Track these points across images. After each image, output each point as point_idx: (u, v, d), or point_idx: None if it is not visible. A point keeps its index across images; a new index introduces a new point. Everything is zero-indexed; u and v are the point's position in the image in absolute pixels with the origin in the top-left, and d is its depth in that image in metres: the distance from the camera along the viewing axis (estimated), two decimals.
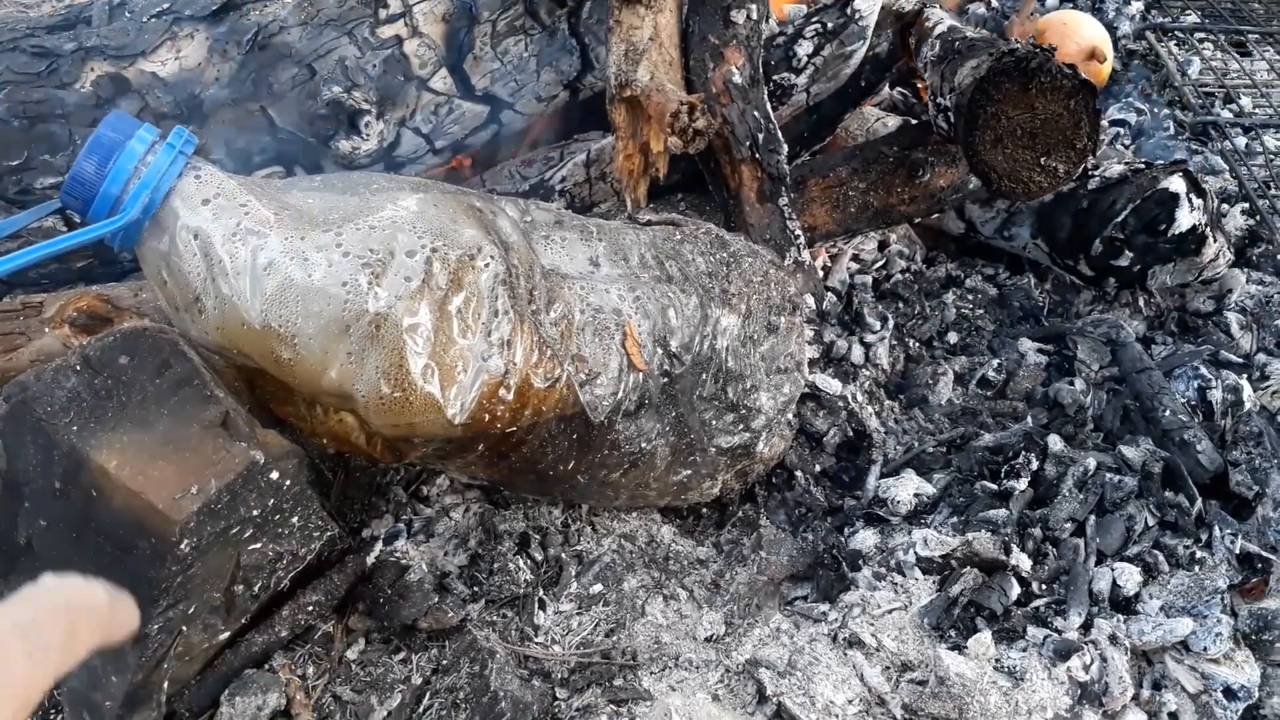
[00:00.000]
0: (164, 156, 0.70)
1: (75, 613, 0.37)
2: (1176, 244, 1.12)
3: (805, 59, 1.11)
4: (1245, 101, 1.63)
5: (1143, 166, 1.15)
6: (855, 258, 1.23)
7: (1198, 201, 1.11)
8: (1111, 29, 1.71)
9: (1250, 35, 1.83)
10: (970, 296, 1.21)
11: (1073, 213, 1.17)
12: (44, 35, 1.11)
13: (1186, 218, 1.10)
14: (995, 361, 1.13)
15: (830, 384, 1.05)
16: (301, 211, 0.72)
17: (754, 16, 1.01)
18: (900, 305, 1.17)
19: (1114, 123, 1.53)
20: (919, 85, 1.32)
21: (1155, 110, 1.58)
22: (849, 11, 1.11)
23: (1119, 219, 1.12)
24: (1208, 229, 1.12)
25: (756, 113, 1.01)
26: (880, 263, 1.22)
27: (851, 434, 1.04)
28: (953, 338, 1.14)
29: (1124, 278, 1.17)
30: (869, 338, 1.08)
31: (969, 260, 1.32)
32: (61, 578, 0.38)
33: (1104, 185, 1.15)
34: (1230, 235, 1.25)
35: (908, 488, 0.93)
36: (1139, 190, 1.11)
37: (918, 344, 1.14)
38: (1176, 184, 1.10)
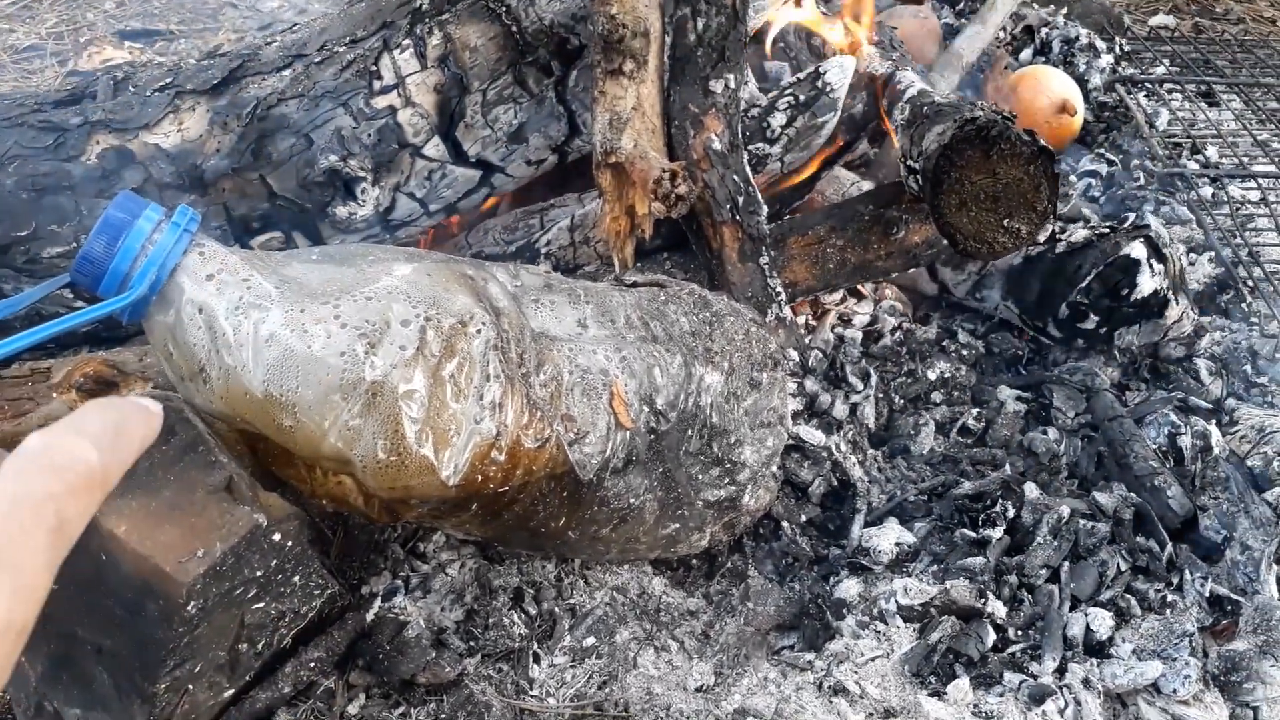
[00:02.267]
0: (170, 235, 0.73)
1: (61, 494, 0.31)
2: (1139, 308, 1.17)
3: (779, 130, 1.17)
4: (1211, 151, 1.68)
5: (1107, 231, 1.19)
6: (844, 318, 1.27)
7: (1159, 266, 1.15)
8: (1082, 82, 1.77)
9: (1217, 86, 1.90)
10: (959, 353, 1.24)
11: (1040, 277, 1.22)
12: (51, 110, 1.16)
13: (1148, 282, 1.15)
14: (975, 411, 1.16)
15: (814, 435, 1.08)
16: (301, 284, 0.75)
17: (732, 86, 1.06)
18: (888, 365, 1.20)
19: (1085, 173, 1.58)
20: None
21: (1125, 161, 1.63)
22: (820, 84, 1.17)
23: (1083, 284, 1.16)
24: (1170, 293, 1.16)
25: (736, 176, 1.06)
26: (870, 323, 1.26)
27: (836, 483, 1.07)
28: (937, 397, 1.18)
29: (1090, 340, 1.21)
30: (854, 397, 1.12)
31: (955, 316, 1.35)
32: (44, 443, 0.32)
33: (1069, 250, 1.20)
34: (1192, 291, 1.29)
35: (889, 537, 0.96)
36: (1102, 256, 1.16)
37: (902, 400, 1.17)
38: (1138, 250, 1.15)
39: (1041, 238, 0.95)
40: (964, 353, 1.23)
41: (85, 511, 0.32)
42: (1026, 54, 1.89)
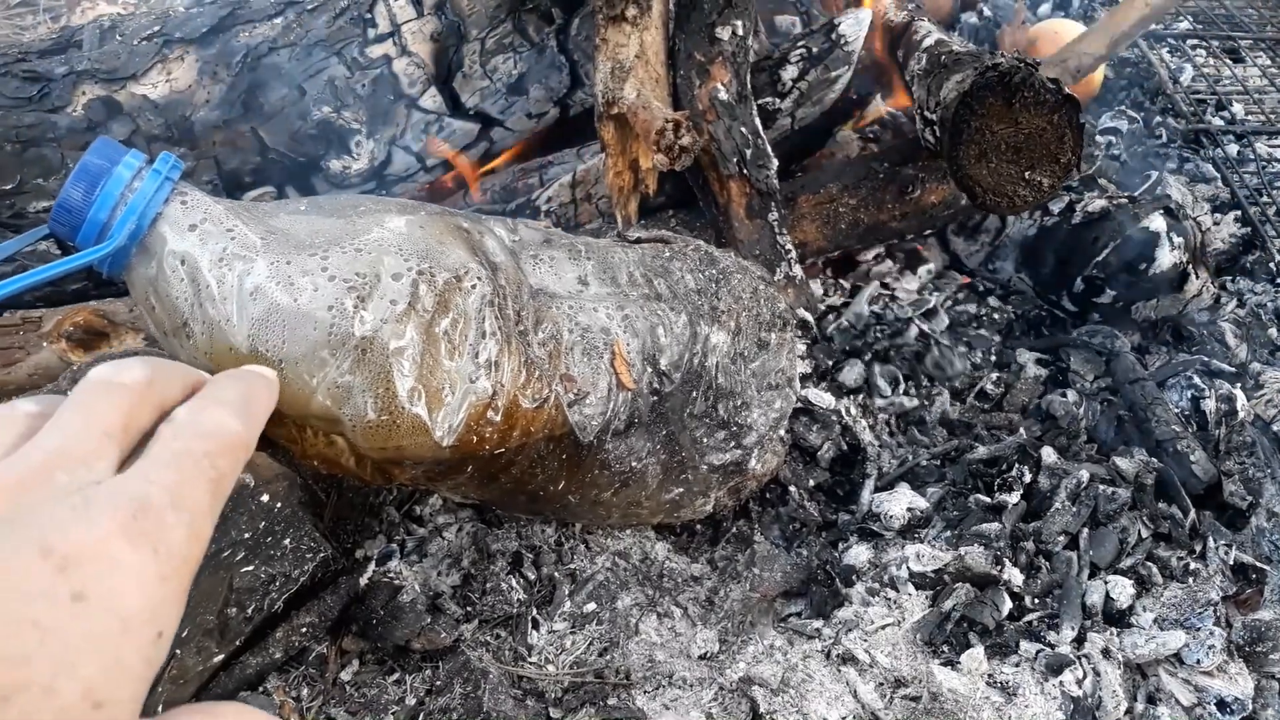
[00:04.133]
0: (150, 182, 0.70)
1: (217, 455, 0.35)
2: (1157, 282, 1.13)
3: (790, 83, 1.12)
4: (1237, 108, 1.63)
5: (1125, 201, 1.15)
6: (887, 287, 1.22)
7: (1178, 239, 1.11)
8: None
9: (1243, 41, 1.84)
10: (989, 316, 1.20)
11: (1055, 249, 1.18)
12: (35, 60, 1.12)
13: (1167, 257, 1.11)
14: (994, 375, 1.13)
15: (823, 398, 1.05)
16: (288, 235, 0.72)
17: (740, 33, 1.01)
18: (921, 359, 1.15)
19: (1106, 131, 1.53)
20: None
21: (1147, 118, 1.58)
22: (834, 37, 1.12)
23: (1100, 257, 1.12)
24: (1189, 266, 1.12)
25: (744, 128, 1.01)
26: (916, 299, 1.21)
27: (846, 448, 1.04)
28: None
29: (1107, 314, 1.17)
30: (879, 401, 1.08)
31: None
32: (197, 411, 0.36)
33: (1086, 221, 1.15)
34: (1217, 252, 1.25)
35: (901, 502, 0.93)
36: (1119, 228, 1.12)
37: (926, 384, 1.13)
38: (1157, 222, 1.11)
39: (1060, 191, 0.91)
40: (995, 316, 1.19)
41: (235, 469, 0.36)
42: (1045, 8, 1.83)
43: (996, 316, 1.20)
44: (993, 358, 1.16)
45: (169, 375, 0.37)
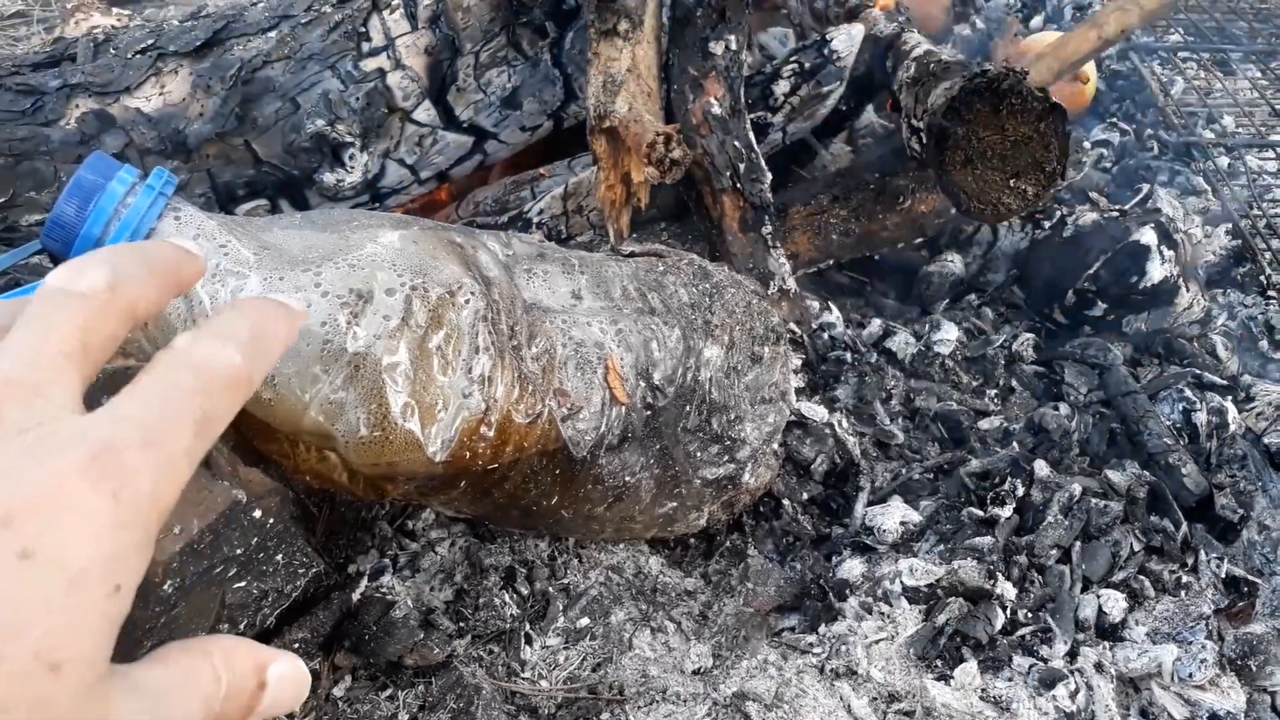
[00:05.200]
0: (144, 198, 0.70)
1: (209, 390, 0.31)
2: (1148, 295, 1.13)
3: (782, 98, 1.13)
4: (1228, 121, 1.64)
5: (1116, 214, 1.16)
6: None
7: (1169, 253, 1.12)
8: None
9: (1233, 54, 1.85)
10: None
11: (1047, 261, 1.18)
12: (29, 73, 1.12)
13: (1158, 270, 1.12)
14: (991, 392, 1.13)
15: (816, 411, 1.05)
16: (281, 251, 0.72)
17: (733, 47, 1.01)
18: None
19: (1097, 143, 1.54)
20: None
21: (1139, 131, 1.59)
22: (826, 52, 1.12)
23: (1091, 270, 1.13)
24: (1180, 279, 1.13)
25: (737, 142, 1.02)
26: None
27: (839, 461, 1.04)
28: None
29: (1098, 327, 1.18)
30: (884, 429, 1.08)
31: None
32: (196, 338, 0.32)
33: (1077, 234, 1.16)
34: (1208, 265, 1.25)
35: (894, 516, 0.93)
36: (1111, 241, 1.12)
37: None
38: (1148, 236, 1.12)
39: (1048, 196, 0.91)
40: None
41: (229, 409, 0.32)
42: (1037, 20, 1.84)
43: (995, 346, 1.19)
44: (993, 389, 1.15)
45: (135, 273, 0.32)
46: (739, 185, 1.02)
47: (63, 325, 0.29)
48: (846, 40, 1.13)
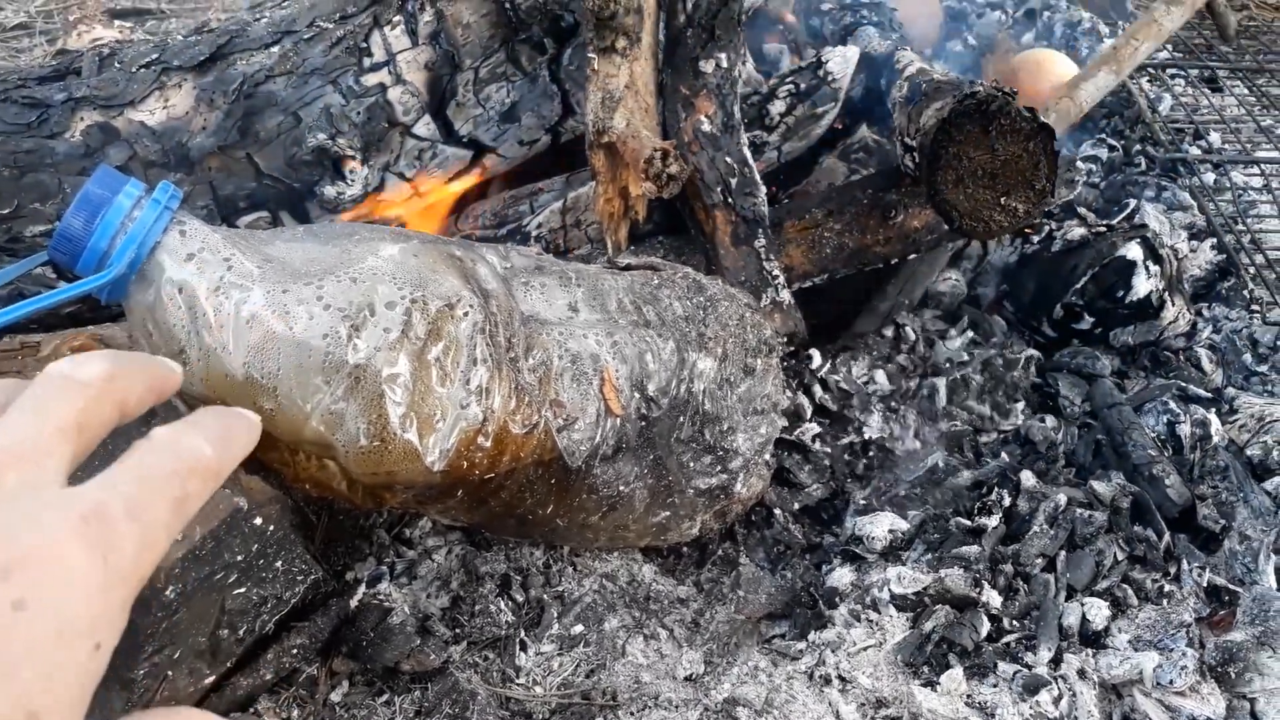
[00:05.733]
0: (150, 212, 0.72)
1: (185, 475, 0.34)
2: (1134, 309, 1.16)
3: (778, 118, 1.15)
4: (1214, 137, 1.66)
5: (1104, 229, 1.18)
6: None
7: (1154, 268, 1.14)
8: (1084, 66, 1.75)
9: (1221, 71, 1.88)
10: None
11: (1035, 276, 1.21)
12: (35, 86, 1.13)
13: (1143, 284, 1.14)
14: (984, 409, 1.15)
15: (811, 429, 1.07)
16: (284, 264, 0.73)
17: (724, 65, 1.03)
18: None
19: (1086, 158, 1.56)
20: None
21: (1127, 146, 1.61)
22: (821, 74, 1.15)
23: (1078, 285, 1.15)
24: (1166, 294, 1.15)
25: (729, 158, 1.04)
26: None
27: (835, 487, 1.05)
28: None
29: (1086, 340, 1.20)
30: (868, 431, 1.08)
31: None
32: (173, 433, 0.35)
33: (1065, 249, 1.18)
34: (1193, 279, 1.27)
35: (882, 524, 0.95)
36: (1098, 256, 1.15)
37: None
38: (1134, 251, 1.14)
39: (1038, 216, 0.93)
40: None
41: (203, 493, 0.35)
42: (1029, 37, 1.86)
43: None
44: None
45: (131, 370, 0.36)
46: (730, 200, 1.04)
47: (62, 406, 0.33)
48: (841, 62, 1.16)
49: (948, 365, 1.16)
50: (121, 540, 0.30)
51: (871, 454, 1.04)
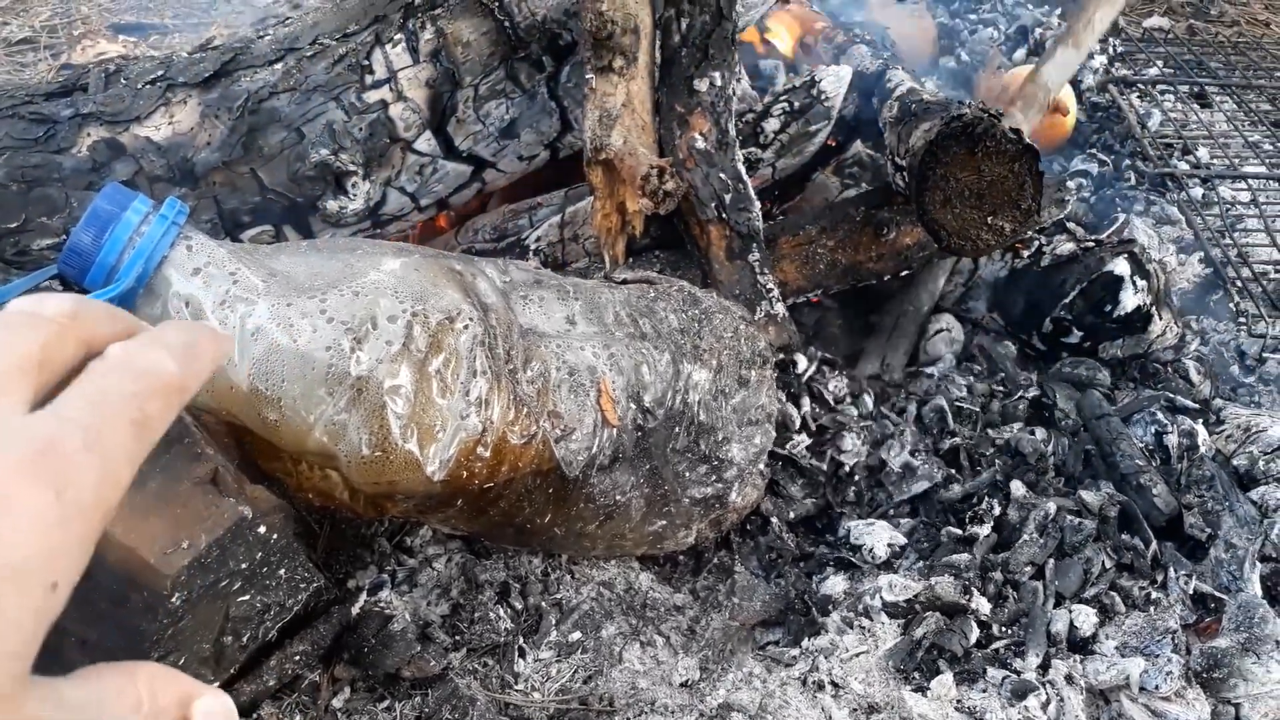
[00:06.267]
0: (157, 227, 0.73)
1: (145, 394, 0.32)
2: (1122, 323, 1.17)
3: (772, 135, 1.17)
4: (1203, 152, 1.69)
5: (1092, 244, 1.20)
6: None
7: (1142, 283, 1.16)
8: (1075, 82, 1.78)
9: (1210, 87, 1.90)
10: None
11: (1025, 290, 1.22)
12: (42, 102, 1.15)
13: (1131, 299, 1.16)
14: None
15: (804, 445, 1.08)
16: (288, 278, 0.75)
17: (718, 83, 1.06)
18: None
19: (1076, 173, 1.59)
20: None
21: (1117, 161, 1.64)
22: (814, 93, 1.17)
23: (1067, 300, 1.17)
24: (1153, 308, 1.17)
25: (723, 174, 1.06)
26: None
27: (828, 500, 1.07)
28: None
29: (1075, 353, 1.22)
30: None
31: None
32: (128, 351, 0.33)
33: (1054, 264, 1.20)
34: (1180, 291, 1.29)
35: (881, 538, 0.96)
36: (1086, 271, 1.17)
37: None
38: (1121, 266, 1.16)
39: (1025, 235, 0.95)
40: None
41: (166, 413, 0.33)
42: (1020, 53, 1.89)
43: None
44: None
45: (97, 312, 0.34)
46: (725, 215, 1.06)
47: (24, 340, 0.31)
48: (835, 81, 1.18)
49: (939, 388, 1.17)
50: (78, 473, 0.29)
51: (858, 478, 1.06)
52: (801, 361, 1.08)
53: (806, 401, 1.07)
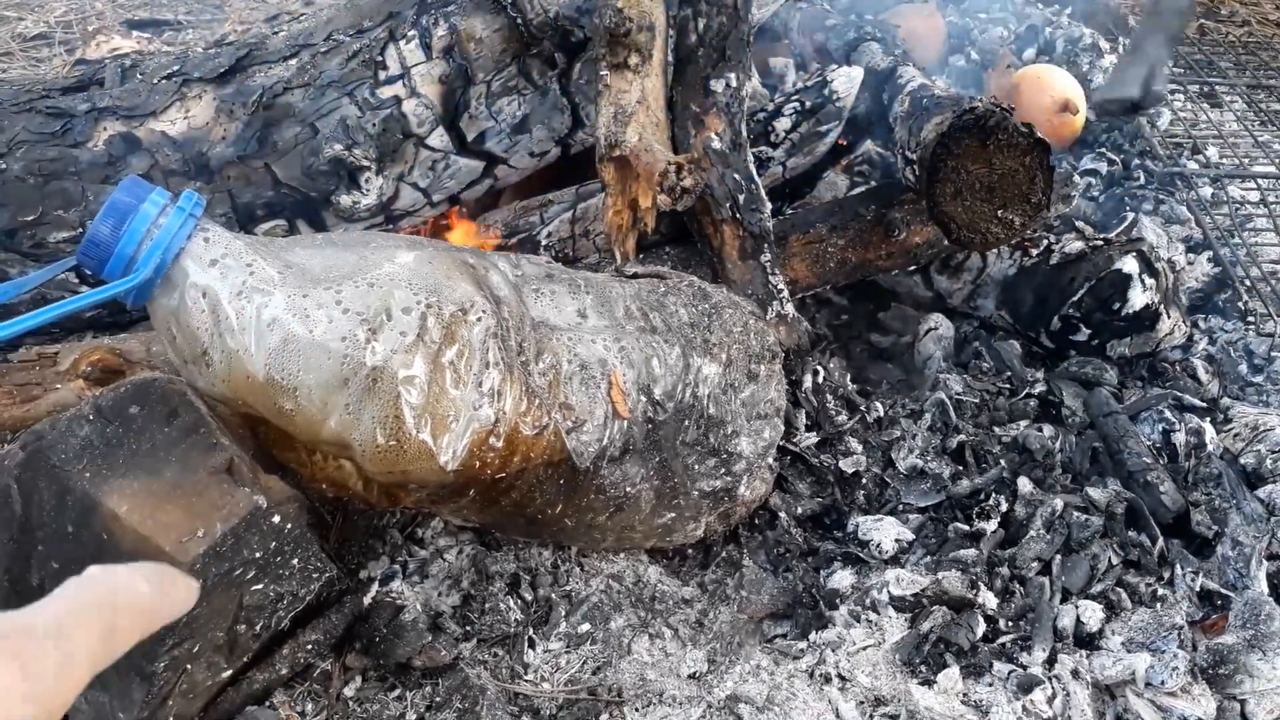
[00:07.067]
0: (175, 219, 0.74)
1: (115, 609, 0.37)
2: (1130, 322, 1.17)
3: (783, 134, 1.18)
4: (1212, 152, 1.69)
5: (1101, 243, 1.20)
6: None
7: (1150, 281, 1.16)
8: (1085, 82, 1.77)
9: (1220, 87, 1.90)
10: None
11: (1033, 288, 1.22)
12: (59, 96, 1.17)
13: (1139, 297, 1.16)
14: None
15: (812, 441, 1.09)
16: (304, 270, 0.76)
17: (734, 84, 1.06)
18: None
19: (1086, 172, 1.59)
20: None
21: (1126, 160, 1.63)
22: (826, 92, 1.18)
23: (1075, 298, 1.17)
24: (1161, 306, 1.17)
25: (737, 175, 1.06)
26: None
27: (836, 497, 1.07)
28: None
29: (1083, 351, 1.22)
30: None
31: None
32: (106, 570, 0.38)
33: (1063, 262, 1.20)
34: (1189, 290, 1.29)
35: (889, 533, 0.97)
36: (1095, 269, 1.17)
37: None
38: (1130, 265, 1.16)
39: (1034, 229, 0.95)
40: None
41: (133, 631, 0.37)
42: (1030, 53, 1.89)
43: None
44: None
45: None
46: (738, 215, 1.07)
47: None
48: (846, 81, 1.19)
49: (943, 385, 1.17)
50: (42, 659, 0.32)
51: (866, 480, 1.06)
52: (807, 379, 1.09)
53: (814, 400, 1.08)
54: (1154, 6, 1.45)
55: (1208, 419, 1.10)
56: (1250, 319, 1.29)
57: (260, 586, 0.81)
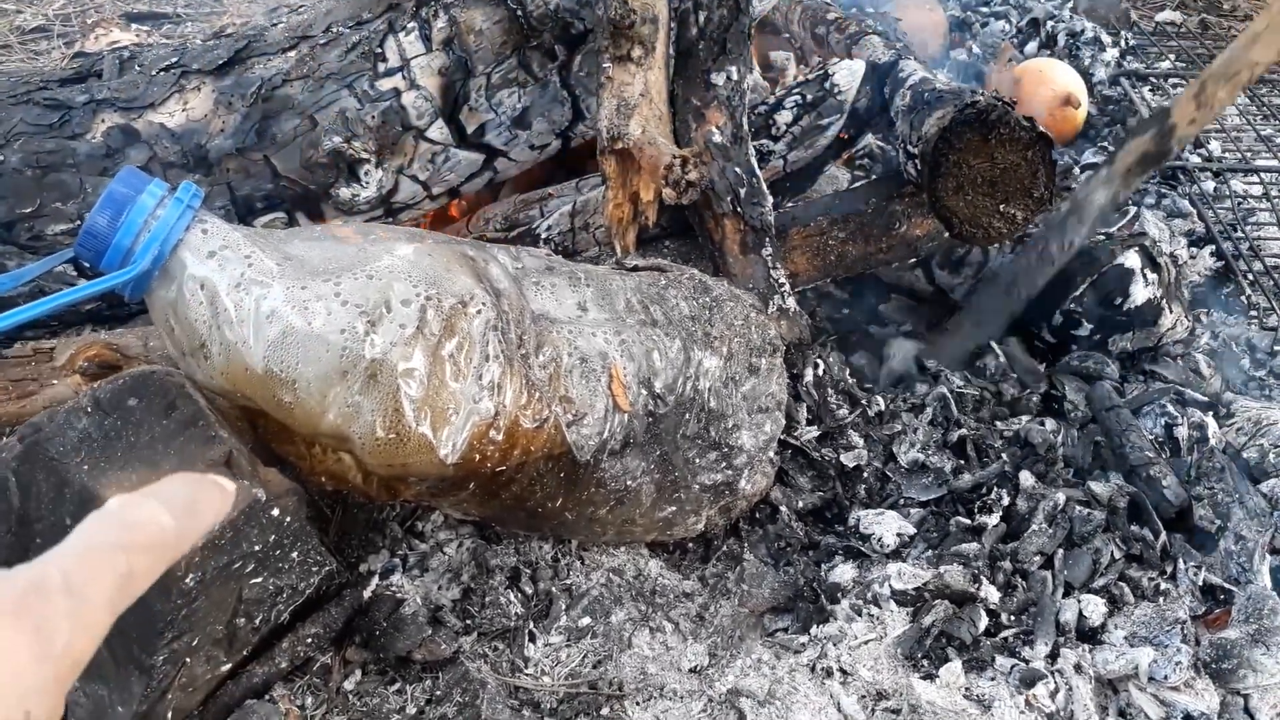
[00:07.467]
0: (173, 210, 0.73)
1: (134, 548, 0.34)
2: (1133, 316, 1.17)
3: (784, 128, 1.17)
4: (1214, 146, 1.68)
5: (1103, 237, 1.19)
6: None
7: (1152, 276, 1.16)
8: (1087, 75, 1.77)
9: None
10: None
11: None
12: (57, 88, 1.16)
13: (1141, 292, 1.15)
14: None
15: (813, 434, 1.08)
16: (302, 262, 0.76)
17: (734, 78, 1.06)
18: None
19: (1088, 166, 1.58)
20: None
21: None
22: (828, 86, 1.17)
23: (1077, 292, 1.17)
24: (1163, 301, 1.17)
25: (738, 168, 1.06)
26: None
27: (838, 491, 1.07)
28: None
29: (1084, 346, 1.21)
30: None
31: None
32: (126, 502, 0.35)
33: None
34: (1192, 285, 1.29)
35: (890, 527, 0.97)
36: (1096, 265, 1.16)
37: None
38: (1131, 260, 1.16)
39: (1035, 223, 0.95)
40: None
41: (153, 569, 0.35)
42: (1032, 47, 1.88)
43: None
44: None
45: None
46: (739, 209, 1.06)
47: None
48: (848, 75, 1.18)
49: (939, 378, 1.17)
50: (56, 615, 0.31)
51: (867, 475, 1.06)
52: (809, 373, 1.08)
53: (815, 393, 1.07)
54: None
55: (1210, 413, 1.10)
56: (1253, 313, 1.28)
57: (259, 580, 0.81)
